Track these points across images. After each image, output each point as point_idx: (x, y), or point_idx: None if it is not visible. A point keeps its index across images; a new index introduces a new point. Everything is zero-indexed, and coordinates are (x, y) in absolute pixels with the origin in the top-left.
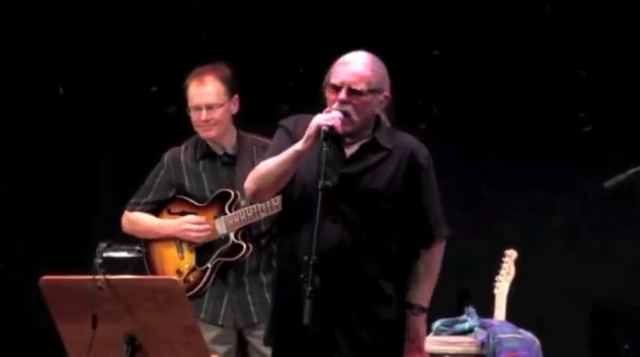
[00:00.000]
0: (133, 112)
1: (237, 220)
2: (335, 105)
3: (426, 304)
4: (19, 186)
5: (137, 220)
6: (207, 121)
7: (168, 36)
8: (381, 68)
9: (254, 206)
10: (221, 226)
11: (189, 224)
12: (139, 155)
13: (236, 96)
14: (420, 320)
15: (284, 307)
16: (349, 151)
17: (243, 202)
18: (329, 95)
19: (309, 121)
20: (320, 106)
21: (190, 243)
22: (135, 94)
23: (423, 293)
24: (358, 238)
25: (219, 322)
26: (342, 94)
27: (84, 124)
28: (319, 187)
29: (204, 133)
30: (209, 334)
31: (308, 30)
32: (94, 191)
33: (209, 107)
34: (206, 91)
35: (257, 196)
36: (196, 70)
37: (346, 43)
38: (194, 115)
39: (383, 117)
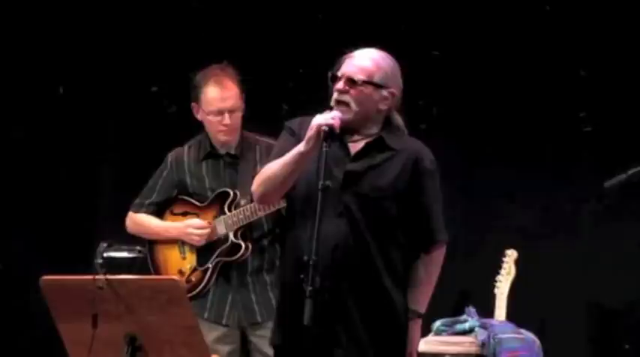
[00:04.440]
0: (134, 112)
1: (235, 219)
2: (334, 95)
3: (422, 309)
4: (19, 186)
5: (142, 222)
6: (229, 125)
7: (168, 36)
8: (388, 65)
9: (252, 205)
10: (220, 226)
11: (194, 228)
12: (139, 155)
13: (244, 96)
14: (415, 325)
15: (287, 306)
16: (354, 148)
17: (242, 202)
18: (333, 86)
19: None
20: (321, 105)
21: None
22: (135, 94)
23: (420, 298)
24: (363, 236)
25: (224, 322)
26: (340, 84)
27: (84, 124)
28: (319, 187)
29: (225, 137)
30: (213, 333)
31: (308, 30)
32: (95, 191)
33: (231, 111)
34: (229, 95)
35: (264, 200)
36: (210, 73)
37: (346, 44)
38: (214, 120)
39: (397, 119)
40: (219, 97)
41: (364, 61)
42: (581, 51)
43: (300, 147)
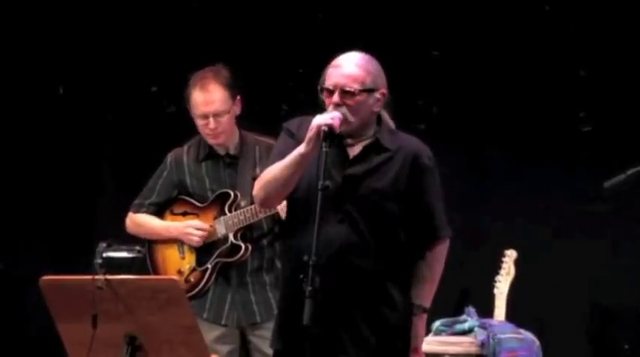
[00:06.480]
0: (133, 112)
1: (236, 220)
2: (330, 108)
3: (427, 304)
4: (19, 186)
5: (142, 222)
6: (214, 128)
7: (168, 36)
8: (374, 66)
9: (252, 207)
10: (220, 227)
11: (193, 229)
12: (139, 155)
13: (238, 98)
14: (420, 320)
15: (288, 308)
16: (352, 152)
17: (243, 203)
18: (325, 98)
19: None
20: (320, 105)
21: None
22: (135, 94)
23: (424, 293)
24: (365, 239)
25: (223, 322)
26: (336, 97)
27: (84, 124)
28: (319, 187)
29: (212, 140)
30: (212, 333)
31: (308, 30)
32: (94, 191)
33: (216, 115)
34: (212, 99)
35: (266, 203)
36: (198, 76)
37: (346, 43)
38: (200, 123)
39: (386, 117)
40: (203, 101)
41: (352, 69)
42: (581, 51)
43: (301, 148)
